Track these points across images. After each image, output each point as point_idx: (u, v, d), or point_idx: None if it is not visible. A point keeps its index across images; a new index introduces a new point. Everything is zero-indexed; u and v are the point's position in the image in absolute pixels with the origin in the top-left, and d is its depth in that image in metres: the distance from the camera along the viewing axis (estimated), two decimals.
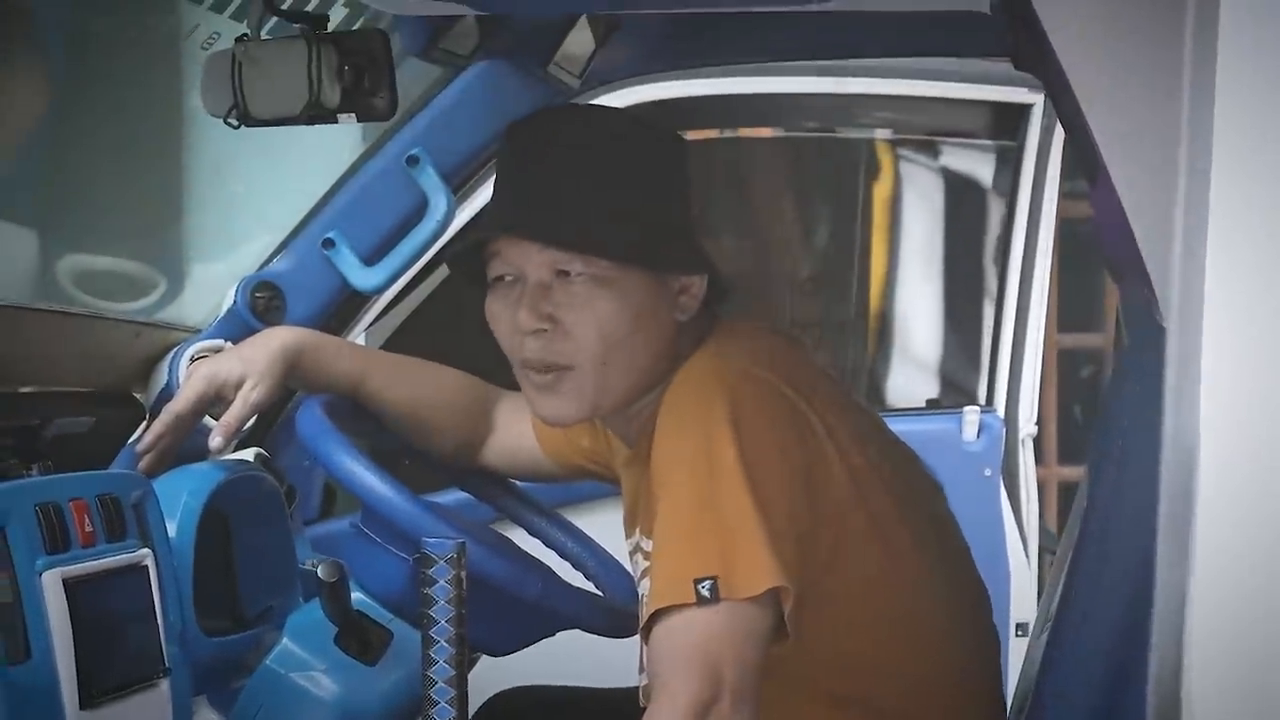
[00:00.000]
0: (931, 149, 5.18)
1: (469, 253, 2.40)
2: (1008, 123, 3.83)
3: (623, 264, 2.32)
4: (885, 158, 5.32)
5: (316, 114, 2.41)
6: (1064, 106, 2.16)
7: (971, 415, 3.73)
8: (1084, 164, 2.24)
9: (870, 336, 5.34)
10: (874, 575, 2.35)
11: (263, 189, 3.86)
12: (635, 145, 2.38)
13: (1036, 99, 3.73)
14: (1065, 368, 6.58)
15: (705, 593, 2.16)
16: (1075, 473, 6.27)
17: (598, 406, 2.40)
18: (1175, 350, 1.28)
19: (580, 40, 2.92)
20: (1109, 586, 2.17)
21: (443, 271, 3.49)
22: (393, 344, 3.56)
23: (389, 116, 2.47)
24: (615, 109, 2.49)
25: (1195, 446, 1.27)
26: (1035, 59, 2.19)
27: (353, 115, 2.42)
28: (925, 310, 5.30)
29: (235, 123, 2.47)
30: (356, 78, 2.41)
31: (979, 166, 4.90)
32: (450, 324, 3.58)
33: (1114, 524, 2.18)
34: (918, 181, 5.29)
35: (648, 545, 2.38)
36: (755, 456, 2.22)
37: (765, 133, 4.86)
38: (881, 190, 5.31)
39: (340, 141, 3.80)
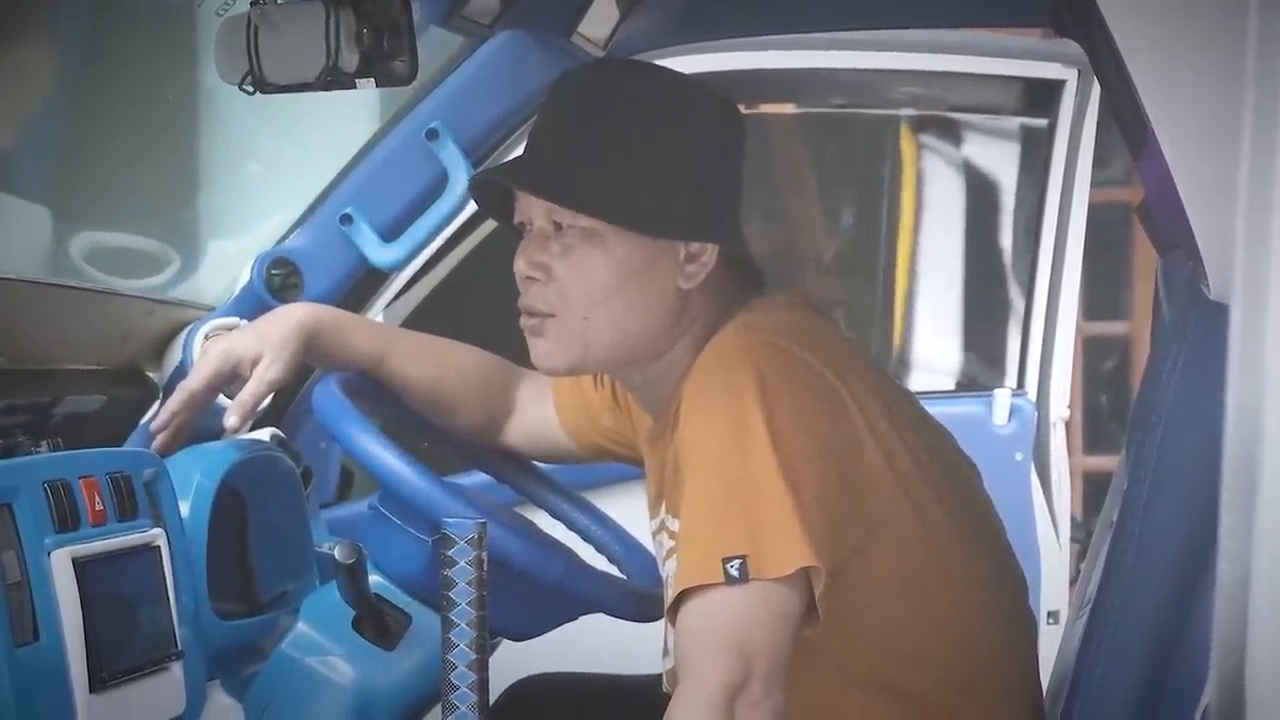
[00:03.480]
0: (960, 126, 5.12)
1: (494, 199, 2.40)
2: (1040, 99, 3.76)
3: (609, 221, 2.29)
4: (912, 135, 5.26)
5: (334, 80, 2.34)
6: (1108, 72, 2.10)
7: (1002, 398, 3.65)
8: (1129, 134, 2.17)
9: (896, 318, 5.29)
10: (908, 557, 2.29)
11: (278, 164, 3.82)
12: (659, 103, 2.33)
13: (1070, 74, 3.65)
14: (1090, 356, 6.52)
15: (734, 572, 2.10)
16: (1099, 461, 6.22)
17: (584, 360, 2.36)
18: (1239, 320, 1.22)
19: (605, 10, 2.86)
20: (1152, 567, 2.12)
21: (463, 248, 3.44)
22: (412, 322, 3.50)
23: (409, 82, 2.41)
24: (663, 68, 2.43)
25: (1261, 415, 1.20)
26: (1078, 24, 2.13)
27: (371, 81, 2.36)
28: (952, 292, 5.24)
29: (250, 89, 2.41)
30: (375, 42, 2.35)
31: (1009, 144, 4.84)
32: (471, 302, 3.52)
33: (1158, 502, 2.13)
34: (946, 159, 5.23)
35: (673, 524, 2.32)
36: (785, 432, 2.16)
37: (788, 109, 4.80)
38: (908, 169, 5.25)
39: (356, 115, 3.75)
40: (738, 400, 2.18)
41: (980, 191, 5.19)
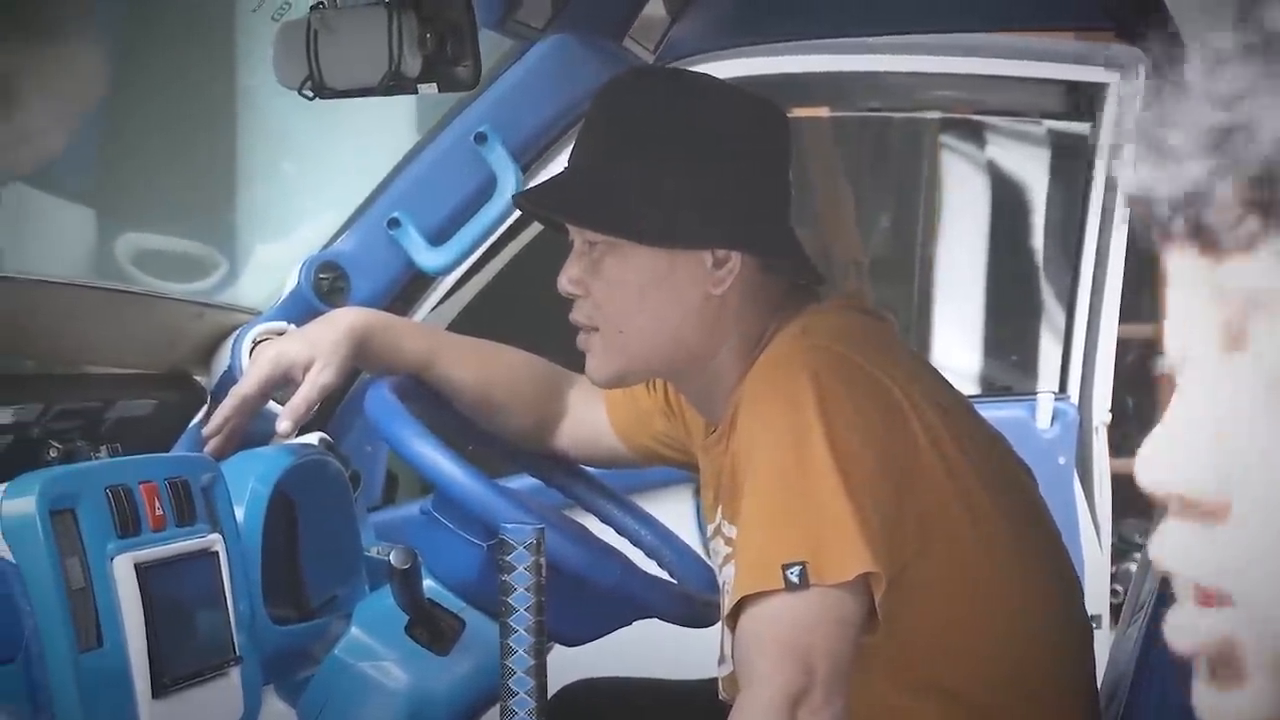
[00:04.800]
0: (997, 130, 5.11)
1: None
2: (1081, 103, 3.75)
3: (614, 236, 2.31)
4: (949, 138, 5.25)
5: (396, 84, 2.34)
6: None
7: (1045, 402, 3.65)
8: None
9: (932, 321, 5.28)
10: (966, 561, 2.29)
11: (322, 168, 3.81)
12: (684, 109, 2.32)
13: (1112, 78, 3.65)
14: (1117, 358, 6.50)
15: (794, 578, 2.11)
16: (1127, 464, 6.19)
17: (627, 369, 2.39)
18: None
19: (655, 14, 2.86)
20: None
21: (510, 252, 3.44)
22: (458, 326, 3.49)
23: (472, 86, 2.41)
24: (695, 74, 2.43)
25: None
26: (1144, 29, 2.12)
27: (434, 85, 2.35)
28: (988, 296, 5.24)
29: (310, 94, 2.41)
30: (438, 46, 2.35)
31: (1049, 148, 4.83)
32: (517, 305, 3.51)
33: None
34: (981, 163, 5.22)
35: (730, 531, 2.32)
36: (843, 438, 2.16)
37: (822, 112, 4.79)
38: (945, 172, 5.24)
39: (393, 118, 3.75)
40: (795, 407, 2.18)
41: (1016, 195, 5.18)
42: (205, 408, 2.89)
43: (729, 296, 2.32)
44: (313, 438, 2.77)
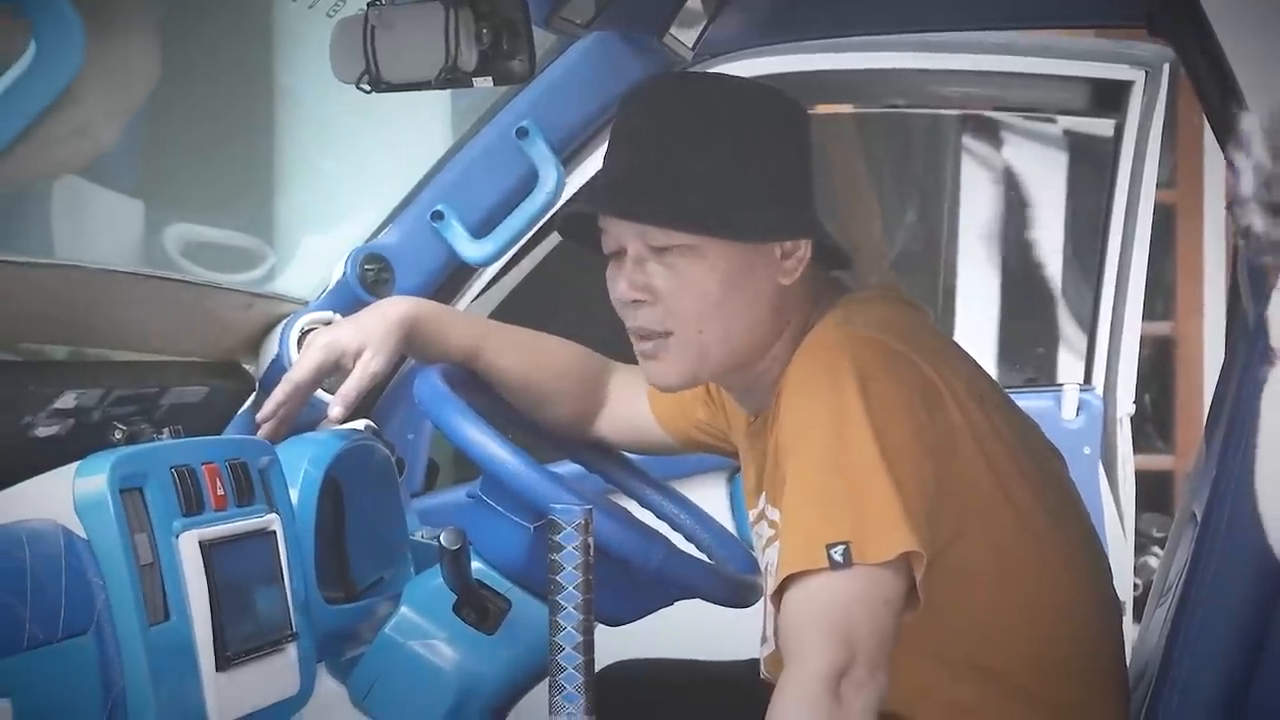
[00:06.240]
0: (1020, 127, 5.15)
1: (580, 227, 2.44)
2: (1106, 100, 3.80)
3: (710, 236, 2.33)
4: (972, 134, 5.29)
5: (452, 78, 2.39)
6: (1204, 75, 2.15)
7: (1071, 393, 3.72)
8: (1221, 131, 2.22)
9: (955, 314, 5.32)
10: (1001, 542, 2.34)
11: (360, 164, 3.87)
12: (736, 109, 2.38)
13: (1137, 76, 3.70)
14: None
15: (838, 558, 2.16)
16: (1142, 460, 6.24)
17: (699, 372, 2.42)
18: None
19: (694, 12, 2.92)
20: (1240, 563, 2.15)
21: (549, 244, 3.49)
22: (498, 316, 3.55)
23: (527, 80, 2.46)
24: (727, 75, 2.48)
25: None
26: (1175, 25, 2.18)
27: (489, 79, 2.40)
28: (1011, 289, 5.28)
29: (367, 88, 2.46)
30: (494, 40, 2.40)
31: (1071, 144, 4.88)
32: (557, 297, 3.58)
33: (1242, 499, 2.16)
34: (1005, 159, 5.26)
35: (774, 514, 2.38)
36: (884, 421, 2.22)
37: (845, 109, 4.84)
38: (968, 168, 5.29)
39: (432, 115, 3.80)
40: (838, 392, 2.24)
41: (1037, 190, 5.23)
42: (254, 395, 2.96)
43: (792, 286, 2.39)
44: (359, 424, 2.83)
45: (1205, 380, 6.39)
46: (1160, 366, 6.55)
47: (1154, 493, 5.64)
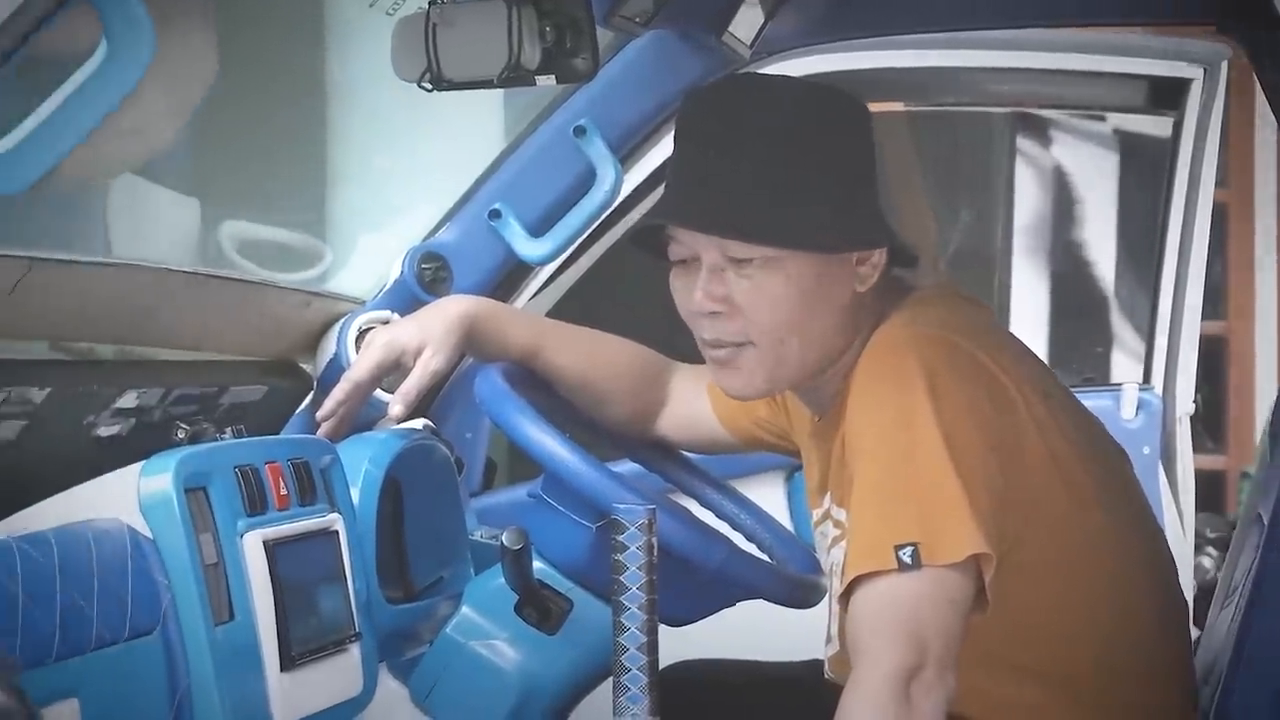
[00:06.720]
0: (1073, 125, 5.13)
1: (648, 234, 2.40)
2: (1163, 98, 3.78)
3: (794, 249, 2.30)
4: (1027, 132, 5.27)
5: (514, 76, 2.37)
6: (1274, 75, 2.13)
7: (1130, 392, 3.69)
8: None
9: (1011, 315, 5.31)
10: (1067, 542, 2.33)
11: (417, 159, 3.86)
12: (809, 116, 2.34)
13: (1196, 73, 3.68)
14: None
15: (907, 559, 2.14)
16: (1198, 460, 6.22)
17: (776, 381, 2.40)
18: None
19: (752, 11, 2.90)
20: None
21: (606, 242, 3.48)
22: (556, 315, 3.55)
23: (590, 78, 2.44)
24: (791, 78, 2.46)
25: None
26: (1246, 24, 2.16)
27: (552, 77, 2.39)
28: (1064, 289, 5.26)
29: (428, 86, 2.45)
30: (557, 38, 2.38)
31: (1127, 142, 4.85)
32: (614, 296, 3.57)
33: None
34: (1060, 157, 5.25)
35: (839, 514, 2.37)
36: (953, 421, 2.20)
37: (897, 107, 4.82)
38: (1023, 166, 5.27)
39: (485, 113, 3.80)
40: (906, 392, 2.22)
41: (1092, 188, 5.21)
42: (311, 394, 2.95)
43: (867, 292, 2.37)
44: (418, 423, 2.82)
45: (1257, 380, 6.37)
46: (1211, 366, 6.52)
47: (1206, 492, 5.62)
